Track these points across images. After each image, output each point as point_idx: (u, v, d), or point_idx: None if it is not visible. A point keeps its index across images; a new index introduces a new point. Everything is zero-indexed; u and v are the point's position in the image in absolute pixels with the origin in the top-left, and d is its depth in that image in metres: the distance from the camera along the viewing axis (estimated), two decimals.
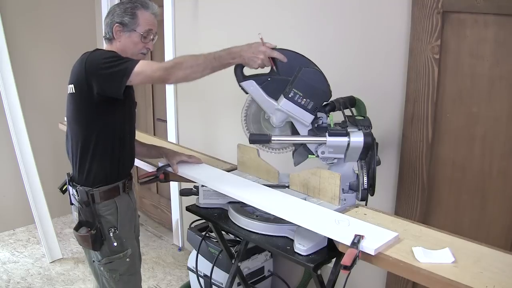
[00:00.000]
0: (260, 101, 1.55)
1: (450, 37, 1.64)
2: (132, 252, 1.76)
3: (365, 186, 1.47)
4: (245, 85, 1.53)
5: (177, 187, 3.12)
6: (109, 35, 1.69)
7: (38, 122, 3.34)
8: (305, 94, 1.48)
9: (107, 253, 1.70)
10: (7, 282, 2.79)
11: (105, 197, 1.68)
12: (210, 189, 1.69)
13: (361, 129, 1.49)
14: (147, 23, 1.67)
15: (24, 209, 3.24)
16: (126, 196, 1.76)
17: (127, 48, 1.67)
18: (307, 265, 1.35)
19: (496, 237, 1.64)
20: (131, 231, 1.80)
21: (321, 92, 1.50)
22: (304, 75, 1.47)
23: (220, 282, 2.25)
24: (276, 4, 2.23)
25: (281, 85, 1.51)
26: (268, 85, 1.52)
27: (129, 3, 1.67)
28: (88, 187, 1.66)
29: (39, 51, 3.41)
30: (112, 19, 1.66)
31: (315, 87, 1.49)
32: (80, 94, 1.58)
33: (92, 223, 1.66)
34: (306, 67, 1.48)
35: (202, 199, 1.74)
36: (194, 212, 1.75)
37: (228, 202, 1.68)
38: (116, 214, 1.70)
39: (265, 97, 1.53)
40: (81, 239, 1.67)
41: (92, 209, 1.66)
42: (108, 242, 1.69)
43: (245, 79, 1.53)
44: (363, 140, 1.44)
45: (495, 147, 1.61)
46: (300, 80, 1.47)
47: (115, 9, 1.67)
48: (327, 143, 1.48)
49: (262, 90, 1.53)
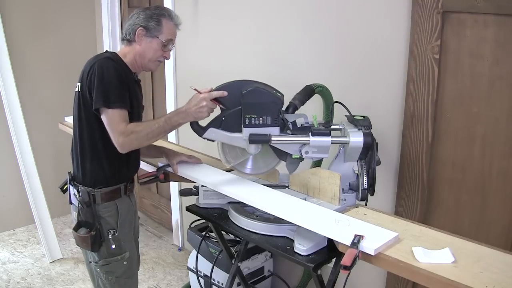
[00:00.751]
0: (227, 141, 1.58)
1: (450, 37, 1.64)
2: (130, 255, 1.76)
3: (365, 186, 1.47)
4: (208, 135, 1.57)
5: (177, 187, 3.12)
6: (129, 37, 1.68)
7: (38, 122, 3.34)
8: (258, 114, 1.50)
9: (105, 255, 1.70)
10: (7, 282, 2.79)
11: (106, 198, 1.68)
12: (210, 189, 1.69)
13: (360, 129, 1.48)
14: (170, 32, 1.69)
15: (24, 209, 3.24)
16: (126, 199, 1.76)
17: (146, 52, 1.68)
18: (307, 265, 1.35)
19: (496, 237, 1.64)
20: (130, 233, 1.80)
21: (270, 104, 1.51)
22: (247, 98, 1.49)
23: (220, 282, 2.25)
24: (276, 5, 2.23)
25: (237, 117, 1.52)
26: (226, 123, 1.55)
27: (156, 10, 1.68)
28: (89, 188, 1.66)
29: (39, 51, 3.41)
30: (137, 21, 1.66)
31: (262, 103, 1.50)
32: (84, 94, 1.60)
33: (92, 224, 1.66)
34: (245, 90, 1.49)
35: (202, 199, 1.74)
36: (194, 212, 1.76)
37: (228, 202, 1.69)
38: (116, 216, 1.70)
39: (230, 135, 1.55)
40: (80, 240, 1.67)
41: (93, 209, 1.66)
42: (107, 244, 1.69)
43: (204, 130, 1.56)
44: (363, 140, 1.44)
45: (495, 147, 1.61)
46: (246, 105, 1.49)
47: (141, 13, 1.67)
48: (310, 143, 1.48)
49: (224, 131, 1.55)
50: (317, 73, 2.07)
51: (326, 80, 1.96)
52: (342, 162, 1.55)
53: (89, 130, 1.63)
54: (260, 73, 2.33)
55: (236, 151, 1.65)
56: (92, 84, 1.56)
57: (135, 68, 1.72)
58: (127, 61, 1.68)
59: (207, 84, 1.60)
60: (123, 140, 1.53)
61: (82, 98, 1.61)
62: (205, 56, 2.67)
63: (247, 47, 2.42)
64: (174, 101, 2.97)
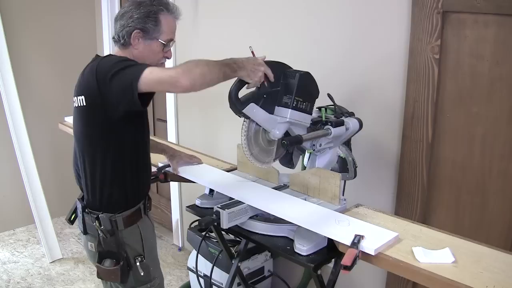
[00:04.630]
0: (261, 120, 1.45)
1: (450, 37, 1.64)
2: (160, 282, 1.62)
3: (356, 164, 1.63)
4: (247, 111, 1.41)
5: (177, 187, 3.12)
6: (124, 41, 1.46)
7: (38, 122, 3.33)
8: (304, 99, 1.48)
9: (132, 284, 1.53)
10: (7, 282, 2.79)
11: (128, 222, 1.49)
12: (235, 210, 1.49)
13: (347, 116, 1.65)
14: (170, 30, 1.49)
15: (24, 209, 3.24)
16: (147, 219, 1.59)
17: (145, 57, 1.47)
18: (307, 265, 1.35)
19: (496, 237, 1.64)
20: (157, 257, 1.66)
21: (315, 92, 1.52)
22: (301, 81, 1.44)
23: (220, 282, 2.25)
24: (275, 5, 2.23)
25: (273, 98, 1.47)
26: (265, 102, 1.45)
27: (152, 6, 1.45)
28: (110, 213, 1.46)
29: (39, 51, 3.41)
30: (131, 23, 1.43)
31: (310, 89, 1.49)
32: (92, 107, 1.39)
33: (117, 254, 1.48)
34: (287, 71, 1.46)
35: (227, 223, 1.48)
36: (194, 212, 1.75)
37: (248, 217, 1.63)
38: (141, 241, 1.53)
39: (267, 115, 1.45)
40: (107, 273, 1.48)
41: (117, 237, 1.48)
42: (135, 273, 1.51)
43: (245, 104, 1.41)
44: (358, 124, 1.63)
45: (495, 147, 1.61)
46: (299, 87, 1.44)
47: (134, 11, 1.44)
48: (333, 133, 1.55)
49: (262, 109, 1.45)
50: (317, 73, 2.07)
51: (326, 80, 1.96)
52: (328, 150, 1.61)
53: (104, 149, 1.42)
54: None
55: (260, 144, 1.52)
56: (107, 81, 1.32)
57: None
58: None
59: None
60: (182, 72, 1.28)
61: (91, 113, 1.40)
62: (206, 55, 2.66)
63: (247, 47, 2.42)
64: (174, 101, 2.97)
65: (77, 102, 1.44)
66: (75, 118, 1.49)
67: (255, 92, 1.44)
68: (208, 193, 1.75)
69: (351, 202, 1.56)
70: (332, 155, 1.62)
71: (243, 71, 1.36)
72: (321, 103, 1.71)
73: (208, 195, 1.75)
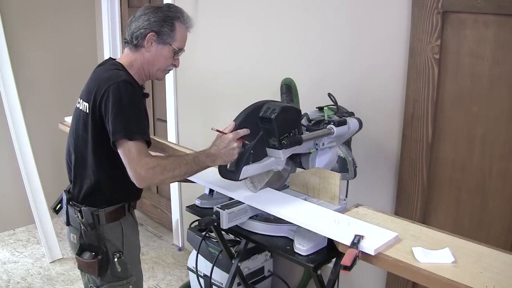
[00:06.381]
0: (262, 170, 1.49)
1: (450, 37, 1.64)
2: (137, 280, 1.62)
3: (356, 164, 1.64)
4: (244, 175, 1.45)
5: (177, 187, 3.12)
6: (137, 42, 1.47)
7: (38, 122, 3.34)
8: (290, 130, 1.46)
9: (109, 279, 1.55)
10: (7, 282, 2.79)
11: (110, 218, 1.52)
12: (234, 210, 1.50)
13: (347, 116, 1.65)
14: (183, 39, 1.52)
15: (24, 209, 3.24)
16: (130, 217, 1.62)
17: (156, 60, 1.50)
18: (307, 265, 1.35)
19: (496, 237, 1.64)
20: (137, 254, 1.66)
21: (296, 118, 1.50)
22: (278, 121, 1.41)
23: (220, 282, 2.25)
24: (275, 5, 2.23)
25: (261, 143, 1.48)
26: (255, 155, 1.47)
27: (170, 12, 1.48)
28: (92, 207, 1.50)
29: (39, 51, 3.40)
30: (147, 25, 1.45)
31: (290, 119, 1.46)
32: (94, 119, 1.42)
33: (97, 247, 1.51)
34: (273, 113, 1.41)
35: (227, 223, 1.49)
36: (194, 212, 1.75)
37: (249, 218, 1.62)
38: (121, 238, 1.56)
39: (263, 164, 1.48)
40: (86, 266, 1.51)
41: (98, 232, 1.51)
42: (112, 268, 1.54)
43: (238, 172, 1.44)
44: (358, 124, 1.64)
45: (495, 147, 1.61)
46: (279, 127, 1.42)
47: (151, 14, 1.46)
48: (335, 132, 1.56)
49: (255, 164, 1.47)
50: (316, 73, 2.08)
51: (326, 80, 1.97)
52: (328, 149, 1.61)
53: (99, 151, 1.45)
54: (260, 73, 2.34)
55: (262, 174, 1.55)
56: (107, 111, 1.36)
57: (141, 79, 1.55)
58: (134, 72, 1.49)
59: (208, 85, 1.59)
60: (145, 172, 1.32)
61: (91, 121, 1.43)
62: (206, 56, 2.67)
63: (247, 47, 2.42)
64: (174, 101, 2.97)
65: (81, 106, 1.48)
66: (75, 117, 1.52)
67: (242, 153, 1.44)
68: (208, 193, 1.76)
69: (351, 202, 1.56)
70: (332, 155, 1.62)
71: (219, 160, 1.41)
72: (321, 103, 1.72)
73: (208, 195, 1.75)
